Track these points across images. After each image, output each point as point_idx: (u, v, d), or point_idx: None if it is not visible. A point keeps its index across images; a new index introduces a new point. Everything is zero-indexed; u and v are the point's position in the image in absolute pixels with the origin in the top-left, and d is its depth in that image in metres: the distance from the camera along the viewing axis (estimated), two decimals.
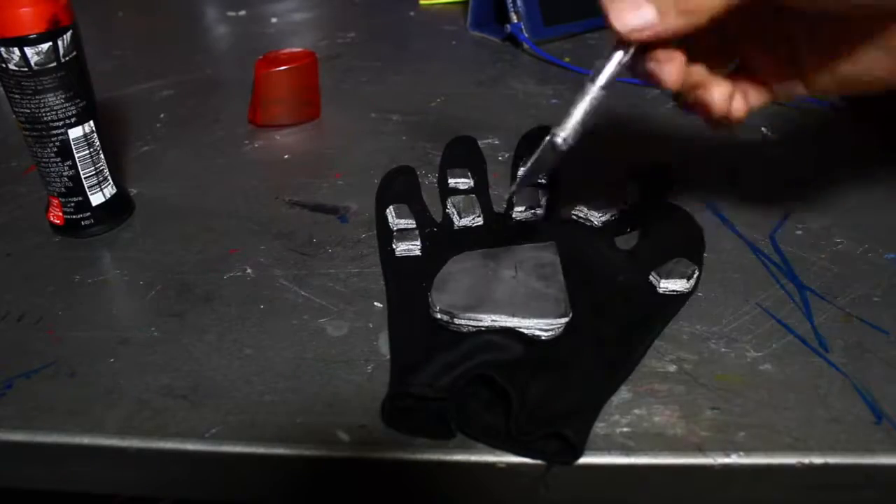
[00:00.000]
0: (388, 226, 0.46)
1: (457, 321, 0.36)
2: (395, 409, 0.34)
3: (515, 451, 0.32)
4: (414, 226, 0.46)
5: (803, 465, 0.31)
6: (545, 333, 0.36)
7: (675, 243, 0.43)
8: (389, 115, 0.63)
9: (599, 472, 0.32)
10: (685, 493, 0.33)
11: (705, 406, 0.34)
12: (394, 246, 0.44)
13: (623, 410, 0.34)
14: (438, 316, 0.37)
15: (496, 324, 0.36)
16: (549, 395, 0.34)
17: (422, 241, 0.44)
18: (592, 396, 0.34)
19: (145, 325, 0.40)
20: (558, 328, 0.36)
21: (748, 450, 0.32)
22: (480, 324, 0.36)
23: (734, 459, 0.32)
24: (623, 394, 0.35)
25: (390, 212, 0.46)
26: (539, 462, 0.32)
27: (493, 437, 0.32)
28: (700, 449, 0.32)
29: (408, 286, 0.41)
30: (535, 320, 0.36)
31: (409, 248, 0.43)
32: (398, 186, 0.51)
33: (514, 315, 0.36)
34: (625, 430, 0.33)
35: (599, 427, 0.33)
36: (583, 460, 0.32)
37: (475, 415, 0.33)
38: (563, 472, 0.32)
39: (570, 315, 0.37)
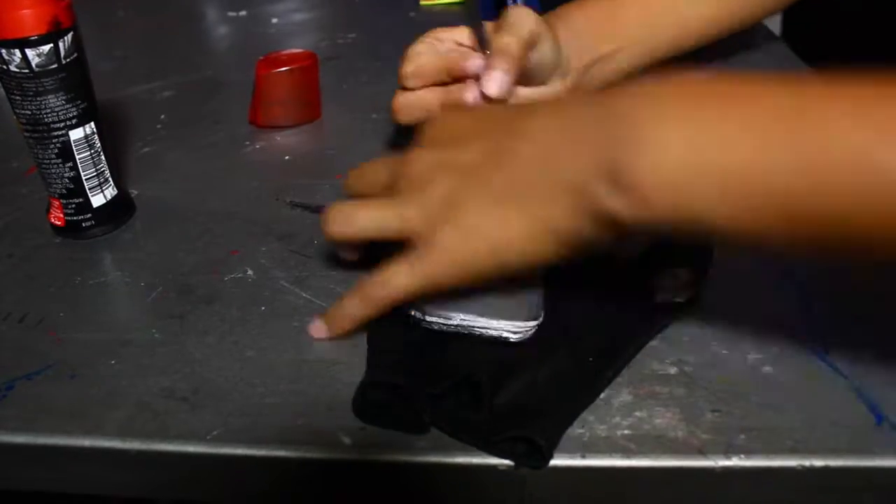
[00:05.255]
0: None
1: (428, 318, 0.37)
2: (367, 402, 0.34)
3: (485, 449, 0.32)
4: None
5: (804, 467, 0.31)
6: (514, 335, 0.36)
7: (682, 253, 0.43)
8: (390, 116, 0.62)
9: (600, 473, 0.32)
10: (686, 496, 0.33)
11: (706, 408, 0.34)
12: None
13: (624, 413, 0.34)
14: (412, 313, 0.37)
15: (465, 323, 0.36)
16: (522, 397, 0.34)
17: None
18: (568, 401, 0.34)
19: (146, 327, 0.40)
20: (527, 331, 0.36)
21: (749, 452, 0.32)
22: (450, 322, 0.37)
23: (735, 462, 0.32)
24: (624, 396, 0.35)
25: None
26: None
27: (465, 434, 0.33)
28: (701, 451, 0.32)
29: None
30: (504, 322, 0.36)
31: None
32: None
33: (482, 315, 0.36)
34: (626, 432, 0.33)
35: (600, 429, 0.33)
36: (584, 462, 0.32)
37: (449, 410, 0.34)
38: (564, 474, 0.32)
39: (541, 318, 0.37)
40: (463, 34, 0.50)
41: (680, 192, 0.29)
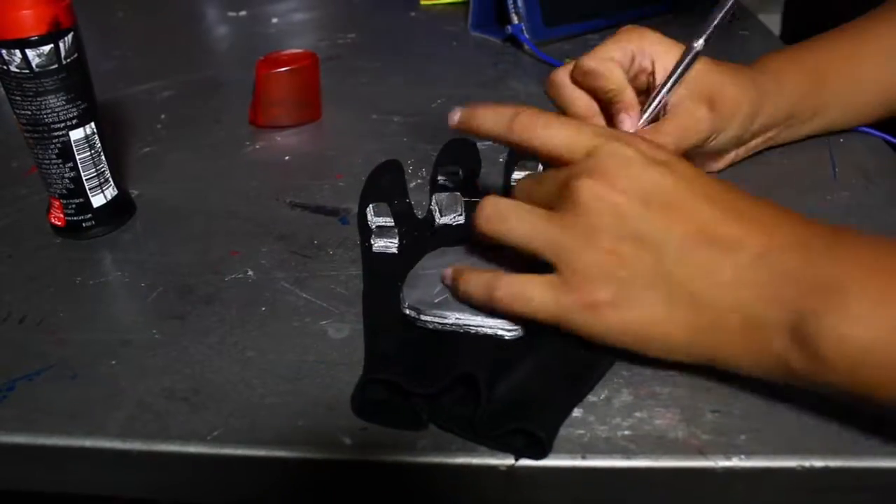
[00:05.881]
0: (368, 223, 0.47)
1: (423, 317, 0.37)
2: (366, 400, 0.34)
3: (484, 443, 0.32)
4: (392, 224, 0.46)
5: (804, 468, 0.31)
6: (508, 333, 0.37)
7: None
8: (390, 116, 0.63)
9: (601, 474, 0.32)
10: (686, 496, 0.33)
11: (706, 409, 0.34)
12: (372, 241, 0.44)
13: (624, 413, 0.34)
14: (407, 312, 0.38)
15: (460, 322, 0.37)
16: (519, 391, 0.34)
17: (400, 238, 0.44)
18: (564, 393, 0.34)
19: (146, 327, 0.40)
20: (522, 328, 0.37)
21: (749, 453, 0.32)
22: (445, 321, 0.37)
23: (735, 462, 0.32)
24: (624, 396, 0.35)
25: (370, 210, 0.47)
26: (541, 465, 0.32)
27: (463, 429, 0.33)
28: (701, 452, 0.32)
29: (382, 281, 0.41)
30: (499, 320, 0.37)
31: (386, 244, 0.44)
32: (383, 183, 0.51)
33: (477, 314, 0.37)
34: (626, 432, 0.33)
35: (601, 430, 0.33)
36: (585, 463, 0.32)
37: (447, 407, 0.34)
38: (565, 475, 0.32)
39: None
40: (667, 56, 0.45)
41: (861, 367, 0.29)
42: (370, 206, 0.47)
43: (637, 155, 0.34)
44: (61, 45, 0.42)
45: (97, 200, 0.47)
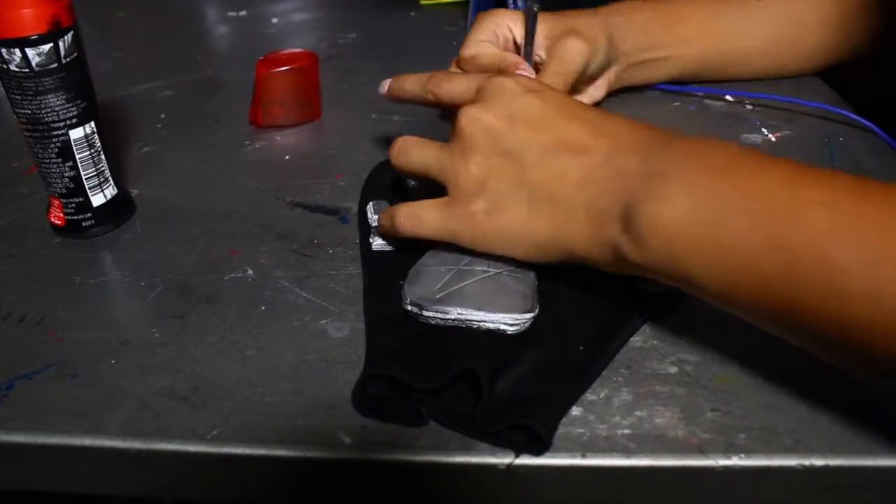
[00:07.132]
0: (368, 221, 0.47)
1: (425, 313, 0.37)
2: (366, 396, 0.34)
3: (484, 439, 0.32)
4: None
5: (804, 467, 0.31)
6: (511, 328, 0.37)
7: None
8: (390, 116, 0.63)
9: (601, 473, 0.32)
10: (686, 495, 0.33)
11: (706, 408, 0.34)
12: (371, 239, 0.44)
13: (624, 412, 0.34)
14: (409, 308, 0.38)
15: (462, 317, 0.37)
16: (519, 387, 0.34)
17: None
18: (563, 389, 0.34)
19: (146, 327, 0.40)
20: (524, 323, 0.37)
21: (749, 452, 0.32)
22: (447, 316, 0.37)
23: (735, 461, 0.32)
24: (624, 395, 0.35)
25: (370, 208, 0.47)
26: (541, 463, 0.32)
27: (465, 426, 0.33)
28: (701, 451, 0.32)
29: (382, 278, 0.42)
30: (501, 314, 0.37)
31: (386, 242, 0.44)
32: (383, 182, 0.51)
33: (479, 309, 0.37)
34: (626, 431, 0.33)
35: (601, 429, 0.33)
36: (584, 461, 0.32)
37: (448, 403, 0.34)
38: (565, 473, 0.32)
39: (537, 310, 0.37)
40: (519, 21, 0.53)
41: (674, 249, 0.32)
42: (370, 203, 0.47)
43: (514, 85, 0.39)
44: (61, 44, 0.42)
45: (97, 200, 0.47)
